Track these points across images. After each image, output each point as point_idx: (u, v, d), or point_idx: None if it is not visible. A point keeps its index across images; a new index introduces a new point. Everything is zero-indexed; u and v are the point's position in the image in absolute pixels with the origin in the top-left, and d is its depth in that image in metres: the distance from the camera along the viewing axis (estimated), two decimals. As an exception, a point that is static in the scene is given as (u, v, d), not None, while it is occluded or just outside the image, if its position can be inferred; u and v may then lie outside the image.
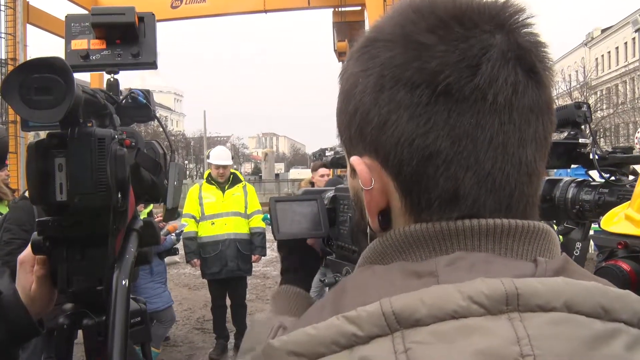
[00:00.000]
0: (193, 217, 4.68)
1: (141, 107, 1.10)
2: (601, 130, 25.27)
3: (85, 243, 0.92)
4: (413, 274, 0.43)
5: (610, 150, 1.44)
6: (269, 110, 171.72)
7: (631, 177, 1.38)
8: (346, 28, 9.68)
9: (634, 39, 34.66)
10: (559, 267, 0.43)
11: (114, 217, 0.89)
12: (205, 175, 5.06)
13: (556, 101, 0.52)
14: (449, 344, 0.36)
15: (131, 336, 0.96)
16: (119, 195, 0.87)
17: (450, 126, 0.44)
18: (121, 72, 1.09)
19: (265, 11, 9.09)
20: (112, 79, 1.08)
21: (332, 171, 5.17)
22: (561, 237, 1.50)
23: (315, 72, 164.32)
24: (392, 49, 0.46)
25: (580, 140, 1.40)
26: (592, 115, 1.45)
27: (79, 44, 1.05)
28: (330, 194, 1.04)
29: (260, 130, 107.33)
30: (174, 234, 4.24)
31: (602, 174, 1.35)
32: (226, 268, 4.58)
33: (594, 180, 1.40)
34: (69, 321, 0.98)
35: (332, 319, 0.39)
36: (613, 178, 1.35)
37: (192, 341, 5.16)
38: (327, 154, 1.73)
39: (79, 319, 0.97)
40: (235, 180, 4.83)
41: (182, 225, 4.50)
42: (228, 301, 4.84)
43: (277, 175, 41.50)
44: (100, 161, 0.84)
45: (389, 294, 0.39)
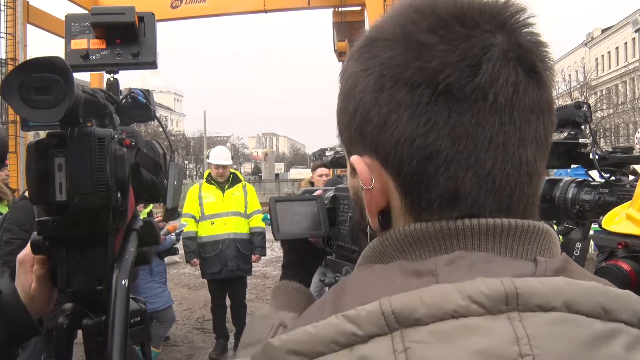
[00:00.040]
0: (193, 216, 4.68)
1: (141, 106, 1.10)
2: (601, 130, 25.27)
3: (85, 243, 0.92)
4: (413, 273, 0.43)
5: (610, 150, 1.44)
6: (269, 110, 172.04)
7: (631, 177, 1.38)
8: (346, 28, 9.68)
9: (634, 39, 34.67)
10: (558, 267, 0.43)
11: (113, 216, 0.89)
12: (205, 175, 5.06)
13: (556, 101, 0.52)
14: (448, 343, 0.36)
15: (131, 336, 0.96)
16: (119, 195, 0.87)
17: (451, 126, 0.44)
18: (121, 71, 1.09)
19: (265, 11, 9.09)
20: (111, 79, 1.08)
21: (332, 171, 5.17)
22: (561, 237, 1.50)
23: (315, 72, 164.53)
24: (392, 49, 0.46)
25: (581, 140, 1.40)
26: (592, 115, 1.45)
27: (79, 43, 1.05)
28: (330, 193, 1.04)
29: (260, 130, 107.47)
30: (174, 234, 4.24)
31: (602, 174, 1.35)
32: (226, 268, 4.58)
33: (594, 180, 1.40)
34: (68, 321, 0.98)
35: (331, 318, 0.39)
36: (613, 178, 1.35)
37: (192, 341, 5.16)
38: (327, 154, 1.72)
39: (78, 318, 0.97)
40: (235, 180, 4.83)
41: (181, 225, 4.50)
42: (228, 301, 4.84)
43: (277, 175, 41.49)
44: (100, 161, 0.84)
45: (388, 293, 0.39)
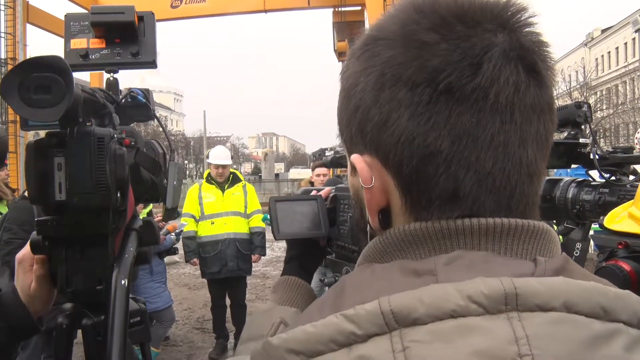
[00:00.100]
0: (193, 216, 4.68)
1: (141, 106, 1.10)
2: (601, 130, 25.27)
3: (85, 243, 0.92)
4: (412, 272, 0.43)
5: (610, 150, 1.43)
6: (269, 110, 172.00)
7: (632, 177, 1.38)
8: (346, 28, 9.68)
9: (634, 39, 34.67)
10: (558, 267, 0.43)
11: (113, 216, 0.89)
12: (205, 175, 5.06)
13: (556, 101, 0.52)
14: (447, 343, 0.36)
15: (131, 336, 0.96)
16: (119, 195, 0.87)
17: (451, 125, 0.44)
18: (121, 71, 1.09)
19: (265, 11, 9.10)
20: (111, 78, 1.08)
21: (331, 171, 5.17)
22: (561, 237, 1.50)
23: (315, 73, 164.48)
24: (393, 48, 0.46)
25: (581, 140, 1.40)
26: (592, 115, 1.45)
27: (79, 43, 1.05)
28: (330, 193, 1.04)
29: (260, 130, 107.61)
30: (174, 234, 4.24)
31: (603, 173, 1.35)
32: (226, 268, 4.58)
33: (594, 180, 1.40)
34: (68, 321, 0.98)
35: (330, 317, 0.39)
36: (613, 178, 1.35)
37: (191, 341, 5.16)
38: (327, 153, 1.72)
39: (78, 318, 0.97)
40: (235, 180, 4.83)
41: (181, 224, 4.50)
42: (228, 301, 4.84)
43: (277, 175, 41.44)
44: (99, 160, 0.84)
45: (387, 292, 0.39)
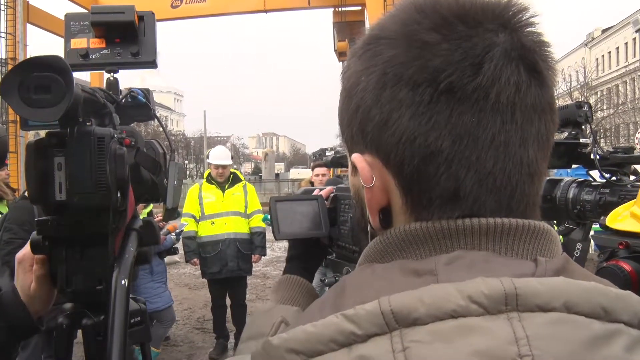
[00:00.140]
0: (193, 216, 4.68)
1: (141, 106, 1.10)
2: (601, 130, 25.27)
3: (85, 243, 0.92)
4: (412, 272, 0.43)
5: (611, 150, 1.43)
6: (269, 110, 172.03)
7: (632, 177, 1.38)
8: (346, 28, 9.68)
9: (634, 39, 34.66)
10: (559, 267, 0.43)
11: (113, 216, 0.89)
12: (205, 175, 5.06)
13: (557, 101, 0.52)
14: (447, 343, 0.36)
15: (131, 336, 0.96)
16: (119, 195, 0.87)
17: (452, 125, 0.44)
18: (121, 71, 1.09)
19: (266, 11, 9.11)
20: (111, 78, 1.08)
21: (332, 171, 5.17)
22: (562, 237, 1.50)
23: (315, 72, 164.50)
24: (394, 47, 0.46)
25: (581, 140, 1.40)
26: (593, 115, 1.45)
27: (79, 42, 1.05)
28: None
29: (260, 130, 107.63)
30: (174, 234, 4.24)
31: (604, 174, 1.35)
32: (226, 268, 4.58)
33: (595, 180, 1.40)
34: (68, 321, 0.98)
35: (330, 317, 0.39)
36: (614, 178, 1.35)
37: (192, 341, 5.16)
38: (327, 153, 1.72)
39: (78, 318, 0.97)
40: (235, 180, 4.83)
41: (181, 224, 4.50)
42: (228, 301, 4.84)
43: (277, 175, 41.44)
44: (99, 160, 0.84)
45: (388, 292, 0.39)
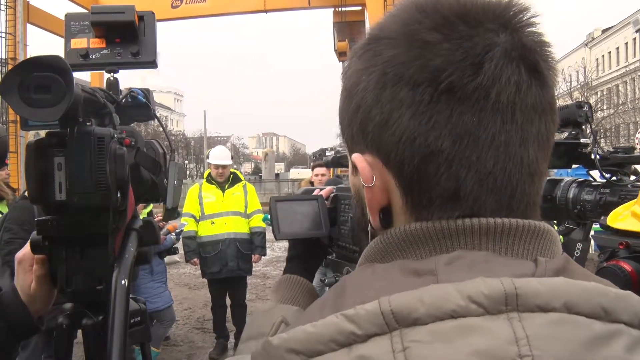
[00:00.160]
0: (193, 216, 4.68)
1: (141, 106, 1.10)
2: (601, 130, 25.27)
3: (85, 243, 0.92)
4: (413, 272, 0.43)
5: (611, 150, 1.43)
6: (269, 110, 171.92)
7: (632, 177, 1.38)
8: (346, 28, 9.67)
9: (634, 39, 34.66)
10: (559, 267, 0.43)
11: (113, 216, 0.89)
12: (205, 174, 5.06)
13: (557, 101, 0.52)
14: (447, 343, 0.36)
15: (131, 336, 0.95)
16: (119, 195, 0.87)
17: (452, 125, 0.44)
18: (121, 71, 1.09)
19: (266, 11, 9.10)
20: (111, 78, 1.08)
21: (332, 171, 5.17)
22: (562, 237, 1.50)
23: (315, 72, 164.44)
24: (395, 47, 0.46)
25: (582, 140, 1.40)
26: (593, 115, 1.45)
27: (79, 42, 1.05)
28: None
29: (260, 130, 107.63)
30: (174, 234, 4.24)
31: (604, 174, 1.35)
32: (226, 268, 4.58)
33: (595, 180, 1.40)
34: (68, 321, 0.98)
35: (331, 317, 0.39)
36: (615, 178, 1.35)
37: (192, 341, 5.16)
38: (327, 153, 1.72)
39: (78, 318, 0.97)
40: (236, 180, 4.83)
41: (181, 224, 4.50)
42: (228, 301, 4.84)
43: (277, 175, 41.45)
44: (99, 160, 0.84)
45: (388, 292, 0.39)
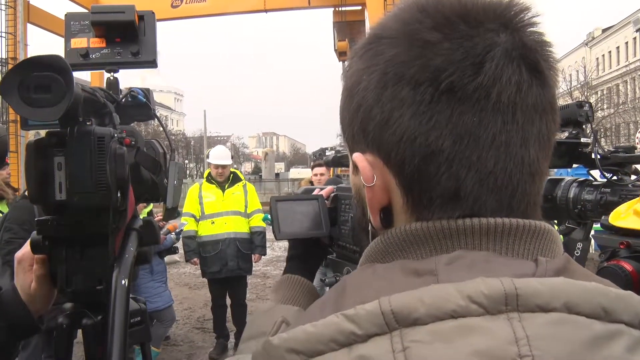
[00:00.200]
0: (193, 216, 4.68)
1: (141, 106, 1.10)
2: (602, 130, 25.27)
3: (85, 242, 0.92)
4: (413, 272, 0.43)
5: (612, 149, 1.43)
6: (269, 109, 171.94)
7: (633, 176, 1.37)
8: (346, 27, 9.67)
9: (634, 38, 34.65)
10: (559, 267, 0.43)
11: (113, 216, 0.89)
12: (205, 174, 5.06)
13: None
14: (447, 343, 0.36)
15: (131, 336, 0.95)
16: (119, 195, 0.87)
17: (453, 124, 0.44)
18: (121, 71, 1.09)
19: (266, 11, 9.09)
20: (112, 78, 1.08)
21: (332, 170, 5.16)
22: (562, 237, 1.50)
23: (315, 72, 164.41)
24: (396, 46, 0.46)
25: (582, 140, 1.40)
26: (594, 115, 1.45)
27: (79, 42, 1.05)
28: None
29: (260, 129, 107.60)
30: (174, 233, 4.25)
31: (604, 173, 1.35)
32: (226, 267, 4.58)
33: (595, 180, 1.40)
34: (68, 321, 0.98)
35: (331, 317, 0.39)
36: (615, 178, 1.35)
37: (192, 340, 5.16)
38: (327, 153, 1.72)
39: (78, 318, 0.97)
40: (236, 179, 4.83)
41: (181, 224, 4.50)
42: (228, 300, 4.84)
43: (277, 174, 41.49)
44: (99, 160, 0.84)
45: (388, 292, 0.39)
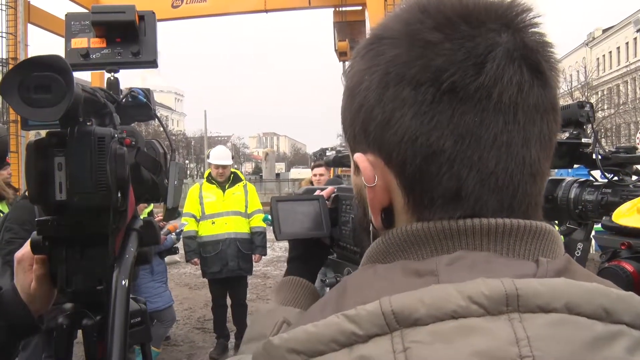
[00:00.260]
0: (193, 216, 4.68)
1: (141, 106, 1.10)
2: (602, 130, 25.27)
3: (85, 243, 0.92)
4: (414, 273, 0.43)
5: (613, 150, 1.43)
6: (269, 110, 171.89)
7: (634, 177, 1.37)
8: (347, 28, 9.67)
9: (635, 38, 34.65)
10: (560, 268, 0.43)
11: (113, 216, 0.88)
12: (205, 174, 5.06)
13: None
14: (447, 344, 0.36)
15: (131, 336, 0.95)
16: (119, 195, 0.87)
17: (454, 124, 0.44)
18: (122, 71, 1.09)
19: (266, 11, 9.10)
20: (112, 78, 1.08)
21: (332, 171, 5.16)
22: (563, 237, 1.49)
23: (315, 72, 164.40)
24: (397, 47, 0.46)
25: (583, 140, 1.40)
26: (595, 115, 1.44)
27: (79, 42, 1.05)
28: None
29: (260, 130, 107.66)
30: (174, 233, 4.24)
31: (605, 174, 1.35)
32: (227, 267, 4.58)
33: (596, 180, 1.39)
34: (68, 321, 0.97)
35: (332, 317, 0.39)
36: (616, 178, 1.35)
37: (192, 341, 5.16)
38: (327, 153, 1.72)
39: (78, 318, 0.97)
40: (236, 180, 4.83)
41: (182, 224, 4.50)
42: (229, 301, 4.84)
43: (277, 174, 41.54)
44: (100, 160, 0.84)
45: (388, 292, 0.39)
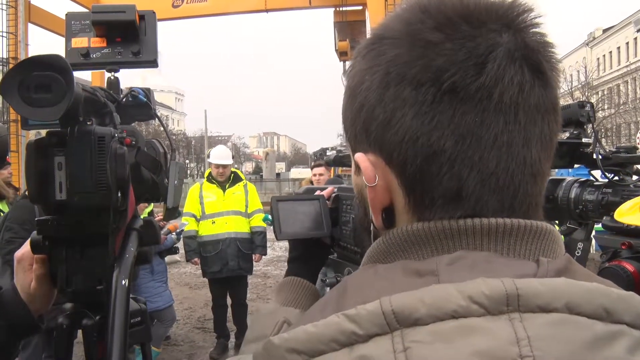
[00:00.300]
0: (193, 215, 4.69)
1: (142, 105, 1.09)
2: (602, 130, 25.27)
3: (85, 242, 0.92)
4: (414, 272, 0.43)
5: (613, 149, 1.43)
6: (270, 109, 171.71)
7: (635, 177, 1.37)
8: (347, 27, 9.69)
9: (635, 38, 34.65)
10: (561, 268, 0.43)
11: (113, 216, 0.88)
12: (205, 174, 5.06)
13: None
14: (448, 343, 0.36)
15: (131, 336, 0.95)
16: (119, 195, 0.87)
17: (455, 125, 0.44)
18: (122, 71, 1.09)
19: (267, 11, 9.11)
20: (112, 77, 1.08)
21: (332, 170, 5.17)
22: (563, 237, 1.49)
23: (316, 72, 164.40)
24: (398, 47, 0.46)
25: (584, 140, 1.39)
26: (595, 115, 1.44)
27: (79, 42, 1.04)
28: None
29: (261, 129, 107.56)
30: (175, 233, 4.25)
31: (606, 173, 1.35)
32: (227, 267, 4.58)
33: (597, 180, 1.39)
34: (68, 321, 0.97)
35: (332, 317, 0.39)
36: (617, 178, 1.34)
37: (192, 340, 5.17)
38: (327, 153, 1.72)
39: (78, 318, 0.97)
40: (236, 179, 4.83)
41: (182, 224, 4.51)
42: (229, 300, 4.84)
43: (278, 174, 41.57)
44: (100, 160, 0.84)
45: (389, 292, 0.39)
